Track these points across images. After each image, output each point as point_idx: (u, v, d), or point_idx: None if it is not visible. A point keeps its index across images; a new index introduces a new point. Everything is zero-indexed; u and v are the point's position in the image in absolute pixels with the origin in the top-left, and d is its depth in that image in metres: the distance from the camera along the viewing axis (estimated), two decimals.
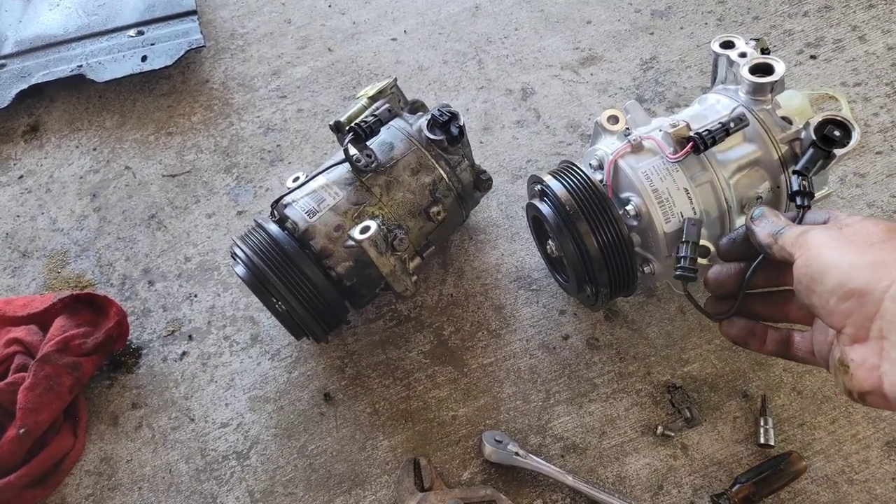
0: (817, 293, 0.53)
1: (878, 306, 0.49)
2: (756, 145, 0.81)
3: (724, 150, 0.80)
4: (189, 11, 1.38)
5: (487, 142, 1.18)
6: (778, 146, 0.80)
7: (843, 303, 0.51)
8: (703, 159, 0.79)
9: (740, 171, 0.80)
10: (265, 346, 1.01)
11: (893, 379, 0.48)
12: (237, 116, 1.29)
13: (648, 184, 0.78)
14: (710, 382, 0.92)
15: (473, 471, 0.88)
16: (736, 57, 0.84)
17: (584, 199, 0.79)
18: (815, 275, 0.54)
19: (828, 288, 0.52)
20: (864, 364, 0.51)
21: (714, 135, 0.75)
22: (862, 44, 1.21)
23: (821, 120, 0.75)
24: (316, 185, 0.89)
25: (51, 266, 1.13)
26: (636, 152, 0.80)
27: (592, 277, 0.81)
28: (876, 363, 0.49)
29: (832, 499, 0.83)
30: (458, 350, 0.98)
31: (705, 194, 0.79)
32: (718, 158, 0.80)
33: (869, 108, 1.13)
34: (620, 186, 0.81)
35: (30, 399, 0.87)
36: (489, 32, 1.34)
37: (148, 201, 1.19)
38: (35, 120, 1.34)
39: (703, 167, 0.79)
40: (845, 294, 0.51)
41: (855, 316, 0.50)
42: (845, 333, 0.52)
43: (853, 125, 0.73)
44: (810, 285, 0.54)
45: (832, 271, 0.52)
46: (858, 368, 0.51)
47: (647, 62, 1.25)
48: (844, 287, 0.51)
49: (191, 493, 0.89)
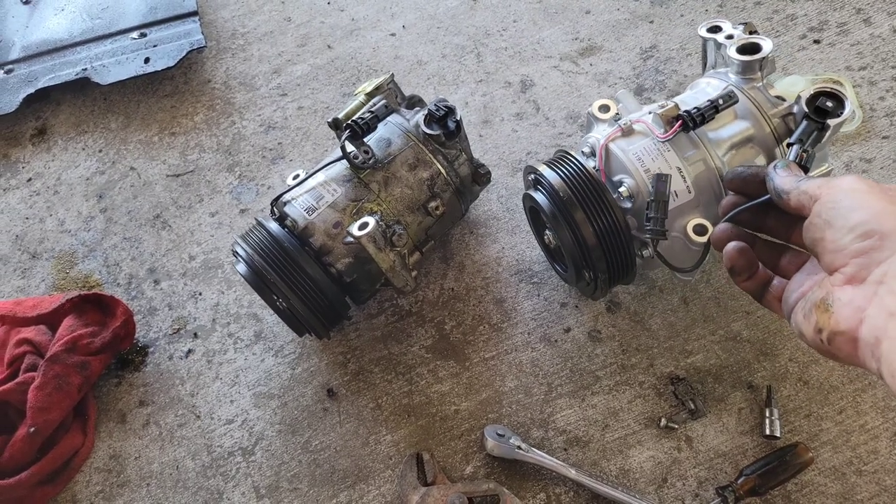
0: (835, 227, 0.51)
1: (893, 252, 0.47)
2: (748, 122, 0.80)
3: (715, 128, 0.80)
4: (190, 12, 1.39)
5: (487, 135, 1.18)
6: (770, 122, 0.79)
7: (860, 241, 0.49)
8: (694, 138, 0.79)
9: (733, 148, 0.80)
10: (269, 343, 1.02)
11: (875, 324, 0.47)
12: (239, 115, 1.29)
13: (640, 164, 0.77)
14: (715, 373, 0.91)
15: (476, 465, 0.88)
16: (723, 39, 0.84)
17: (578, 187, 0.79)
18: (840, 209, 0.51)
19: (849, 223, 0.50)
20: (851, 304, 0.49)
21: (703, 112, 0.75)
22: (867, 26, 1.18)
23: (813, 92, 0.73)
24: (315, 182, 0.90)
25: (59, 267, 1.15)
26: (627, 136, 0.80)
27: (590, 265, 0.81)
28: (862, 305, 0.48)
29: (840, 490, 0.82)
30: (460, 344, 0.98)
31: (699, 172, 0.78)
32: (710, 137, 0.80)
33: (875, 92, 1.11)
34: (613, 170, 0.81)
35: (40, 398, 0.89)
36: (487, 25, 1.34)
37: (153, 201, 1.20)
38: (42, 123, 1.36)
39: (694, 146, 0.79)
40: (866, 233, 0.49)
41: (864, 256, 0.49)
42: (842, 273, 0.51)
43: (845, 95, 0.71)
44: (830, 219, 0.52)
45: (859, 211, 0.50)
46: (843, 308, 0.50)
47: (647, 51, 1.24)
48: (868, 225, 0.49)
49: (197, 489, 0.90)
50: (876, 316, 0.47)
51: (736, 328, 0.94)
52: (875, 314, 0.47)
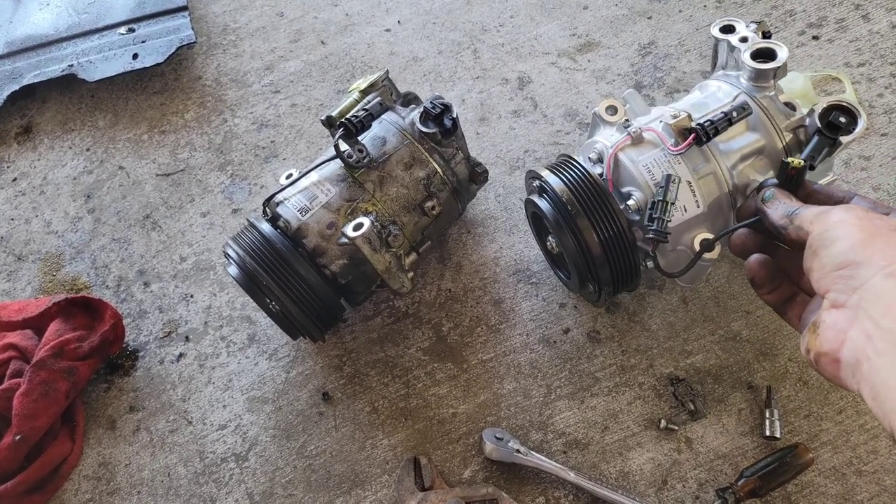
0: (819, 257, 0.55)
1: (867, 280, 0.50)
2: (759, 134, 0.79)
3: (726, 139, 0.78)
4: (180, 7, 1.36)
5: (484, 133, 1.16)
6: (782, 135, 0.78)
7: (837, 270, 0.53)
8: (705, 150, 0.77)
9: (744, 160, 0.78)
10: (262, 346, 1.00)
11: (855, 346, 0.49)
12: (230, 113, 1.27)
13: (650, 177, 0.76)
14: (714, 374, 0.90)
15: (474, 469, 0.87)
16: (737, 42, 0.82)
17: (583, 195, 0.77)
18: (825, 242, 0.55)
19: (830, 254, 0.54)
20: (834, 327, 0.52)
21: (717, 125, 0.74)
22: (865, 23, 1.18)
23: (826, 106, 0.73)
24: (308, 182, 0.88)
25: (46, 269, 1.12)
26: (636, 145, 0.78)
27: (594, 274, 0.80)
28: (845, 328, 0.51)
29: (840, 491, 0.81)
30: (458, 346, 0.96)
31: (709, 186, 0.77)
32: (721, 148, 0.78)
33: (873, 88, 1.10)
34: (621, 180, 0.79)
35: (25, 405, 0.87)
36: (484, 21, 1.32)
37: (142, 201, 1.18)
38: (28, 121, 1.33)
39: (705, 158, 0.77)
40: (841, 263, 0.52)
41: (841, 283, 0.52)
42: (828, 298, 0.54)
43: (859, 111, 0.71)
44: (818, 251, 0.55)
45: (841, 242, 0.53)
46: (827, 330, 0.53)
47: (645, 47, 1.22)
48: (844, 256, 0.52)
49: (190, 497, 0.89)
50: (856, 338, 0.50)
51: (735, 328, 0.93)
52: (855, 336, 0.50)
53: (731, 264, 0.97)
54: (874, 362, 0.47)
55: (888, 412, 0.45)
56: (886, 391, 0.46)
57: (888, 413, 0.45)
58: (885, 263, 0.49)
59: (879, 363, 0.47)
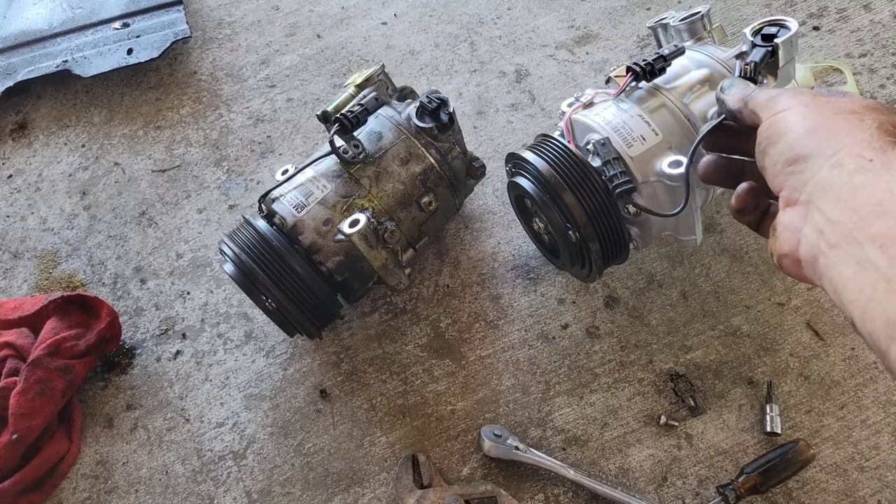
0: (769, 155, 0.53)
1: (816, 173, 0.48)
2: (706, 69, 0.82)
3: (672, 80, 0.81)
4: (175, 1, 1.35)
5: (481, 126, 1.15)
6: (725, 65, 0.81)
7: (788, 167, 0.51)
8: (651, 90, 0.80)
9: (692, 91, 0.80)
10: (259, 343, 0.99)
11: (810, 242, 0.48)
12: (226, 108, 1.26)
13: (601, 119, 0.79)
14: (714, 370, 0.89)
15: (473, 466, 0.86)
16: (668, 21, 0.91)
17: (563, 167, 0.78)
18: (772, 137, 0.53)
19: (778, 150, 0.52)
20: (790, 226, 0.50)
21: (652, 62, 0.77)
22: (867, 13, 1.16)
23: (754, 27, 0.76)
24: (304, 178, 0.87)
25: (42, 267, 1.12)
26: (588, 107, 0.82)
27: (584, 245, 0.79)
28: (799, 226, 0.49)
29: (842, 487, 0.80)
30: (456, 342, 0.96)
31: (662, 117, 0.79)
32: (667, 87, 0.81)
33: (875, 79, 1.09)
34: (579, 137, 0.82)
35: (22, 404, 0.86)
36: (481, 13, 1.30)
37: (138, 198, 1.17)
38: (22, 117, 1.31)
39: (652, 95, 0.80)
40: (790, 159, 0.50)
41: (792, 179, 0.50)
42: (782, 197, 0.52)
43: (785, 19, 0.74)
44: (766, 148, 0.53)
45: (788, 135, 0.51)
46: (784, 231, 0.51)
47: (643, 39, 1.21)
48: (793, 150, 0.50)
49: (187, 495, 0.88)
50: (810, 235, 0.48)
51: (736, 323, 0.92)
52: (809, 233, 0.48)
53: (731, 259, 0.97)
54: (828, 256, 0.46)
55: (846, 303, 0.44)
56: (843, 282, 0.45)
57: (846, 304, 0.44)
58: (831, 153, 0.48)
59: (833, 256, 0.46)
